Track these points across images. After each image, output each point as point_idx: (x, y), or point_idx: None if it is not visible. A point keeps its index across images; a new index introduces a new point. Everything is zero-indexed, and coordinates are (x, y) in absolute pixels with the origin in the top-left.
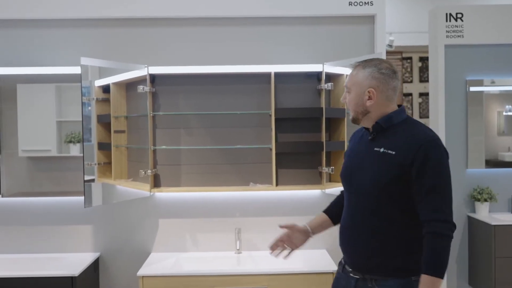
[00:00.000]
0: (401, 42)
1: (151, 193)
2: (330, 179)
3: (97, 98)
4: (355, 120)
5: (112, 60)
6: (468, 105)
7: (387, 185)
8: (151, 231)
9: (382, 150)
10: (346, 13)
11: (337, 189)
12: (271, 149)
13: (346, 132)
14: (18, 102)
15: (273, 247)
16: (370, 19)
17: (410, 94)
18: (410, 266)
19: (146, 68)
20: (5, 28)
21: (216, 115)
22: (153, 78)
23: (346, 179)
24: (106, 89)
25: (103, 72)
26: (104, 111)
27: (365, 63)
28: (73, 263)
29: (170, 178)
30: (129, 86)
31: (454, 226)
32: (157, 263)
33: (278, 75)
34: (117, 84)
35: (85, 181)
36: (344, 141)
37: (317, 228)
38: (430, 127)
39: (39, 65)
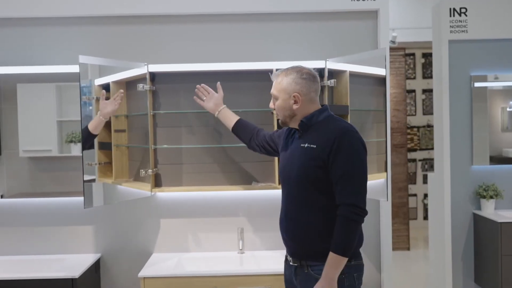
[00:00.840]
0: (404, 38)
1: (152, 193)
2: None
3: (97, 97)
4: (284, 123)
5: (112, 58)
6: (472, 101)
7: (309, 175)
8: (153, 231)
9: (306, 145)
10: (349, 9)
11: None
12: None
13: None
14: (18, 102)
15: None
16: (373, 14)
17: (413, 91)
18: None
19: (146, 66)
20: (4, 26)
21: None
22: (153, 76)
23: (281, 175)
24: (106, 88)
25: (103, 71)
26: None
27: (287, 71)
28: (74, 265)
29: (171, 178)
30: (129, 84)
31: (362, 211)
32: (159, 264)
33: None
34: (117, 82)
35: (84, 182)
36: None
37: (224, 116)
38: (434, 124)
39: (39, 64)
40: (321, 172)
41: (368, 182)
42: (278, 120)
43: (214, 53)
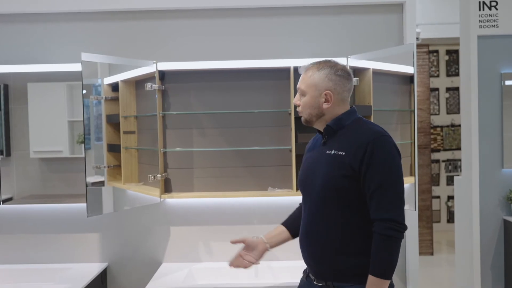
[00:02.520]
0: (427, 35)
1: (162, 199)
2: None
3: (106, 97)
4: (308, 122)
5: (121, 56)
6: (503, 100)
7: (338, 186)
8: (162, 239)
9: (333, 152)
10: (372, 2)
11: None
12: (291, 151)
13: None
14: (29, 102)
15: (233, 263)
16: (398, 8)
17: (437, 89)
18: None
19: (154, 64)
20: (14, 23)
21: (231, 114)
22: (163, 74)
23: (302, 186)
24: (115, 87)
25: (113, 69)
26: (113, 110)
27: (319, 65)
28: (79, 275)
29: (182, 183)
30: (139, 83)
31: (401, 226)
32: (168, 275)
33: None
34: (126, 81)
35: (87, 187)
36: None
37: (274, 241)
38: (462, 124)
39: (49, 62)
40: (349, 182)
41: None
42: (301, 118)
43: (227, 50)
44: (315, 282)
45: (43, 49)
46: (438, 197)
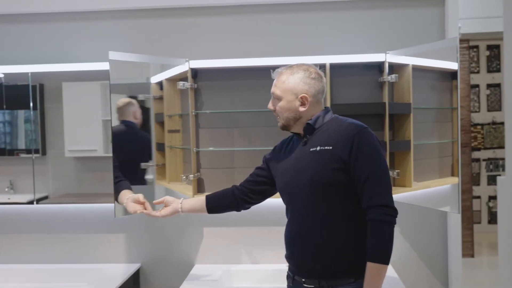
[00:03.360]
0: (468, 29)
1: None
2: (395, 184)
3: (154, 96)
4: (286, 127)
5: (154, 55)
6: None
7: (329, 180)
8: (195, 240)
9: (318, 148)
10: None
11: (402, 194)
12: None
13: (413, 130)
14: (63, 101)
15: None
16: (439, 1)
17: (477, 86)
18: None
19: (187, 63)
20: (50, 22)
21: (263, 112)
22: (195, 73)
23: (287, 187)
24: (162, 86)
25: (156, 68)
26: (161, 109)
27: (292, 69)
28: (111, 276)
29: (215, 183)
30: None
31: (394, 211)
32: (201, 278)
33: (334, 66)
34: (170, 80)
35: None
36: (409, 140)
37: (188, 205)
38: (506, 122)
39: (83, 61)
40: (342, 174)
41: (431, 189)
42: (278, 123)
43: (260, 47)
44: (305, 285)
45: (77, 48)
46: (479, 197)
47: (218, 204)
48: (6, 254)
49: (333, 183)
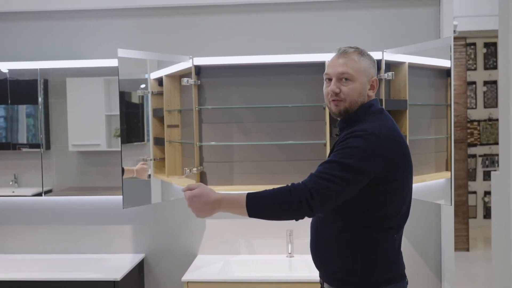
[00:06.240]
0: (465, 27)
1: None
2: None
3: (152, 91)
4: (346, 112)
5: (158, 52)
6: None
7: None
8: (198, 232)
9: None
10: None
11: None
12: (325, 145)
13: (408, 126)
14: (67, 96)
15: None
16: (435, 1)
17: (474, 83)
18: (373, 276)
19: (191, 60)
20: (54, 20)
21: (265, 108)
22: (199, 69)
23: None
24: (161, 82)
25: (160, 64)
26: (159, 104)
27: (361, 51)
28: (117, 265)
29: (218, 176)
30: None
31: (313, 199)
32: (204, 267)
33: None
34: (170, 76)
35: (124, 180)
36: (406, 136)
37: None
38: (499, 118)
39: (87, 57)
40: None
41: (427, 183)
42: (334, 108)
43: (262, 45)
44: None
45: (81, 45)
46: (475, 192)
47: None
48: (15, 244)
49: None
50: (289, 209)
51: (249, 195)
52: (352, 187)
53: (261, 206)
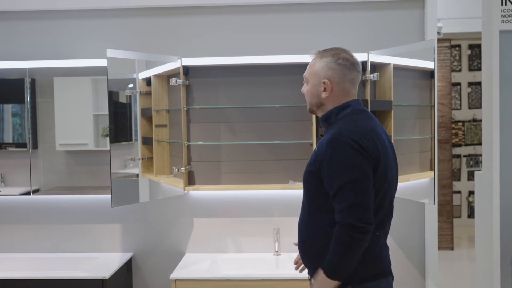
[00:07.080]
0: (449, 29)
1: (185, 191)
2: None
3: (140, 91)
4: (310, 111)
5: (146, 52)
6: None
7: (306, 180)
8: (186, 230)
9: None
10: None
11: None
12: (311, 145)
13: (393, 126)
14: (55, 96)
15: (298, 262)
16: (419, 3)
17: (459, 84)
18: (359, 271)
19: (179, 60)
20: (41, 19)
21: (252, 108)
22: (187, 70)
23: None
24: (149, 82)
25: (149, 64)
26: (147, 104)
27: (323, 53)
28: (105, 264)
29: (205, 176)
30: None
31: (363, 227)
32: (191, 266)
33: None
34: (158, 76)
35: (112, 179)
36: (391, 136)
37: None
38: (483, 119)
39: (75, 57)
40: (314, 179)
41: (411, 182)
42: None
43: (249, 46)
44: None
45: (69, 45)
46: (459, 192)
47: None
48: (2, 243)
49: (309, 185)
50: (355, 247)
51: (324, 270)
52: (369, 184)
53: (337, 266)
